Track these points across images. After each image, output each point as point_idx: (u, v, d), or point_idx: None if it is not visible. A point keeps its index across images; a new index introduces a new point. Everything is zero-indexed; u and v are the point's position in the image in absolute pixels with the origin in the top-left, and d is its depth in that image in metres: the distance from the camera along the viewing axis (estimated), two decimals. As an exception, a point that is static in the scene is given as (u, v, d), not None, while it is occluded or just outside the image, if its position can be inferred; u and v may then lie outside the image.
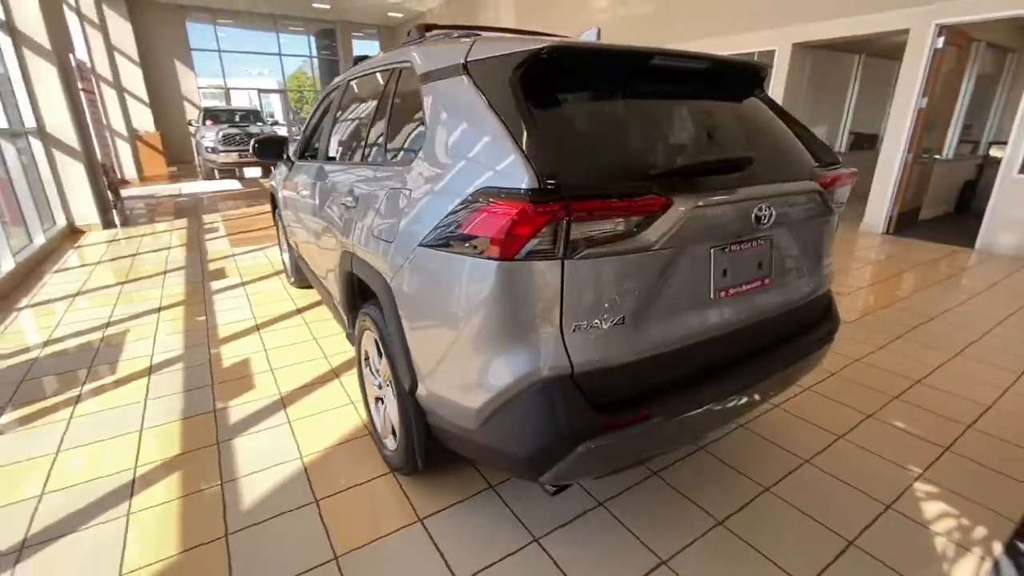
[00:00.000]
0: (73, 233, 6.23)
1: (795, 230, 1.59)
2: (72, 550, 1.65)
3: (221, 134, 10.64)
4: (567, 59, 1.32)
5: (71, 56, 6.18)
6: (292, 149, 3.40)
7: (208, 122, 11.58)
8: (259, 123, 12.27)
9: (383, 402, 1.97)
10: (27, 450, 2.16)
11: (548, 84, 1.31)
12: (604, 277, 1.21)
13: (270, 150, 3.20)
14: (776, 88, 6.94)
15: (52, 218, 6.04)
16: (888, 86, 5.83)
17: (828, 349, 1.87)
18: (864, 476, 1.99)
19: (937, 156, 6.57)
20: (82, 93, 6.27)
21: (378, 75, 2.12)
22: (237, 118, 12.06)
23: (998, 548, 1.68)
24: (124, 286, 4.29)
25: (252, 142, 3.03)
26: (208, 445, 2.18)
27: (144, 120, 13.48)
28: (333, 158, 2.54)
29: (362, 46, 17.97)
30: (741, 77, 1.76)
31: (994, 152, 7.60)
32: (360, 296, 2.07)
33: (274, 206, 4.25)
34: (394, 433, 1.87)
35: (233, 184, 10.68)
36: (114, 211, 6.72)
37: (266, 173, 11.06)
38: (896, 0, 5.62)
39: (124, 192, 8.75)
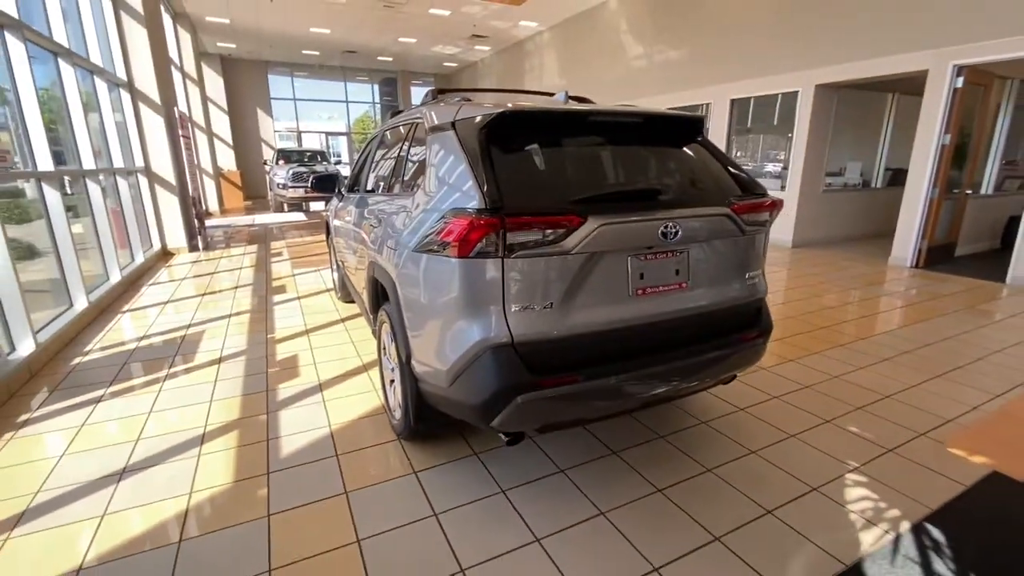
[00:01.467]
0: (165, 254, 7.30)
1: (712, 245, 1.98)
2: (158, 475, 2.22)
3: (291, 172, 11.93)
4: (517, 119, 1.83)
5: (175, 108, 7.40)
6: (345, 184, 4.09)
7: (281, 162, 12.99)
8: (324, 163, 13.62)
9: (394, 383, 2.46)
10: (127, 411, 2.80)
11: (504, 136, 1.81)
12: (534, 272, 1.66)
13: (325, 185, 3.89)
14: (801, 126, 7.19)
15: (150, 241, 7.13)
16: (923, 124, 5.99)
17: (759, 350, 2.20)
18: (802, 466, 2.26)
19: (969, 191, 6.52)
20: (181, 139, 7.46)
21: (403, 127, 2.72)
22: (306, 158, 13.45)
23: (905, 527, 1.91)
24: (203, 297, 5.10)
25: (311, 178, 3.72)
26: (259, 414, 2.74)
27: (227, 159, 15.28)
28: (370, 191, 3.15)
29: (420, 92, 19.52)
30: (680, 127, 2.20)
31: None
32: (381, 297, 2.61)
33: (328, 233, 4.98)
34: (400, 406, 2.36)
35: (299, 216, 11.87)
36: (199, 237, 7.80)
37: (328, 206, 12.22)
38: (913, 42, 5.84)
39: (208, 222, 10.01)
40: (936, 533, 1.88)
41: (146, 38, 6.82)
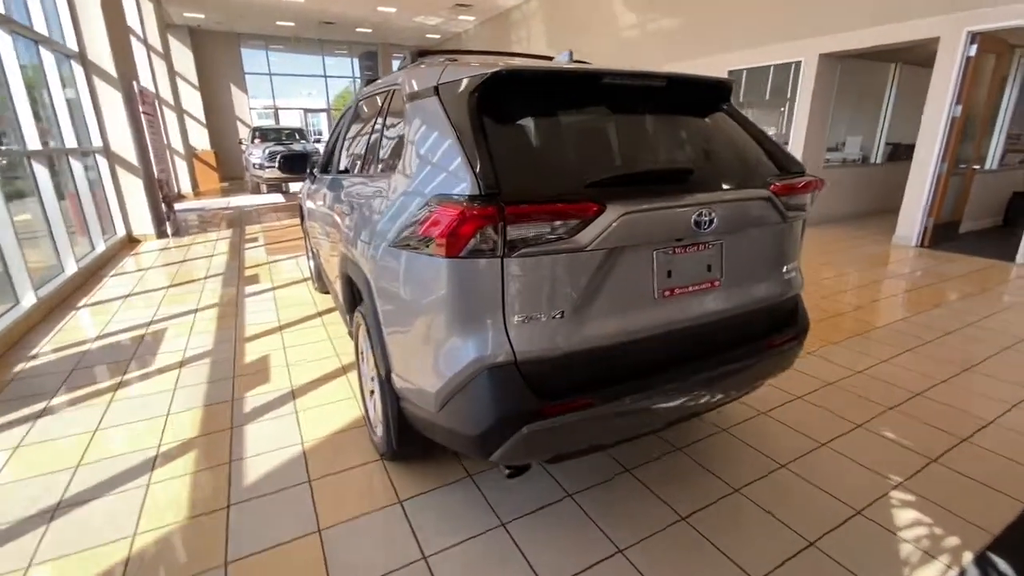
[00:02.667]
0: (131, 242, 6.82)
1: (748, 235, 1.67)
2: (98, 511, 1.89)
3: (267, 151, 11.30)
4: (516, 81, 1.48)
5: (135, 83, 6.82)
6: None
7: (257, 140, 12.34)
8: (303, 141, 12.99)
9: (375, 394, 2.14)
10: (70, 428, 2.45)
11: (500, 103, 1.46)
12: (542, 274, 1.34)
13: (294, 165, 3.49)
14: (803, 99, 6.86)
15: (113, 228, 6.63)
16: (926, 95, 5.70)
17: (795, 353, 1.91)
18: (840, 483, 2.00)
19: (976, 167, 6.29)
20: (143, 116, 6.90)
21: (378, 97, 2.34)
22: (283, 136, 12.81)
23: (968, 558, 1.66)
24: (169, 290, 4.70)
25: (278, 158, 3.32)
26: (223, 429, 2.41)
27: (201, 139, 14.54)
28: (342, 171, 2.77)
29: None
30: (704, 93, 1.86)
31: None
32: (358, 296, 2.27)
33: (302, 217, 4.57)
34: (382, 423, 2.04)
35: (277, 198, 11.31)
36: (167, 222, 7.31)
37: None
38: (925, 8, 5.49)
39: (179, 205, 9.48)
40: (1003, 566, 1.63)
41: (99, 5, 6.21)
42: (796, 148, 7.06)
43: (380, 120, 2.19)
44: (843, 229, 7.11)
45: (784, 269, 1.82)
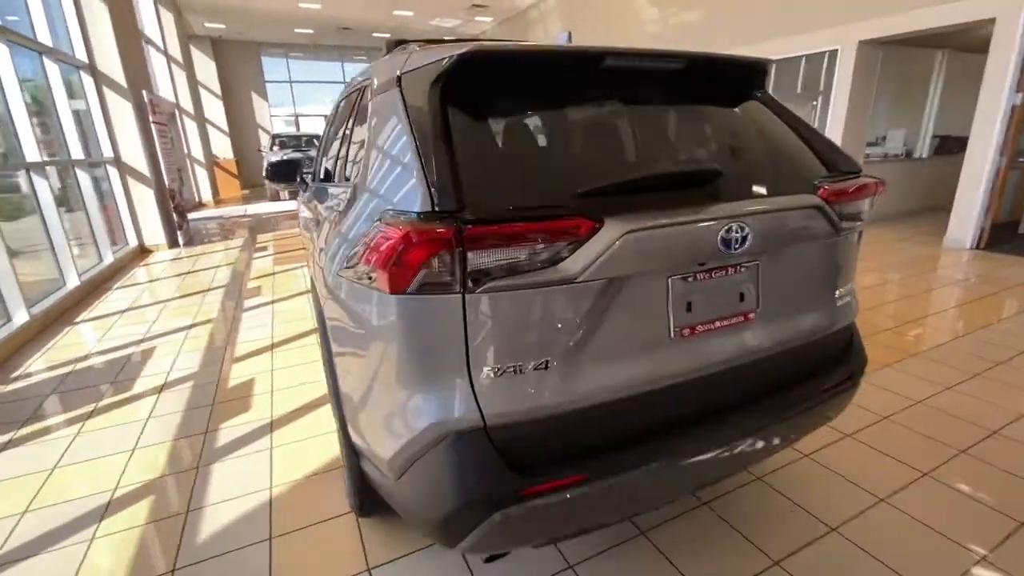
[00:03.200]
0: (143, 252, 6.76)
1: (791, 253, 1.32)
2: (31, 572, 1.65)
3: (285, 158, 11.24)
4: (491, 66, 1.17)
5: (144, 93, 6.76)
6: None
7: (275, 148, 12.34)
8: (321, 147, 12.93)
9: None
10: (28, 466, 2.24)
11: (471, 93, 1.15)
12: (518, 314, 1.02)
13: (283, 173, 3.25)
14: (840, 91, 6.35)
15: (125, 238, 6.59)
16: (979, 83, 5.17)
17: (849, 397, 1.54)
18: (907, 555, 1.62)
19: (1037, 160, 5.68)
20: (154, 125, 6.85)
21: (354, 94, 2.06)
22: (302, 143, 12.78)
23: (1087, 669, 1.27)
24: (168, 304, 4.54)
25: (266, 167, 3.08)
26: (188, 469, 2.17)
27: (224, 147, 14.67)
28: (321, 179, 2.51)
29: (421, 70, 18.60)
30: (733, 77, 1.52)
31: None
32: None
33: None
34: (353, 471, 1.75)
35: (295, 205, 11.24)
36: (179, 232, 7.24)
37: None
38: (980, -14, 4.97)
39: (196, 214, 9.50)
40: None
41: (107, 14, 6.17)
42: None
43: (350, 122, 1.91)
44: (887, 230, 6.55)
45: (837, 294, 1.46)
